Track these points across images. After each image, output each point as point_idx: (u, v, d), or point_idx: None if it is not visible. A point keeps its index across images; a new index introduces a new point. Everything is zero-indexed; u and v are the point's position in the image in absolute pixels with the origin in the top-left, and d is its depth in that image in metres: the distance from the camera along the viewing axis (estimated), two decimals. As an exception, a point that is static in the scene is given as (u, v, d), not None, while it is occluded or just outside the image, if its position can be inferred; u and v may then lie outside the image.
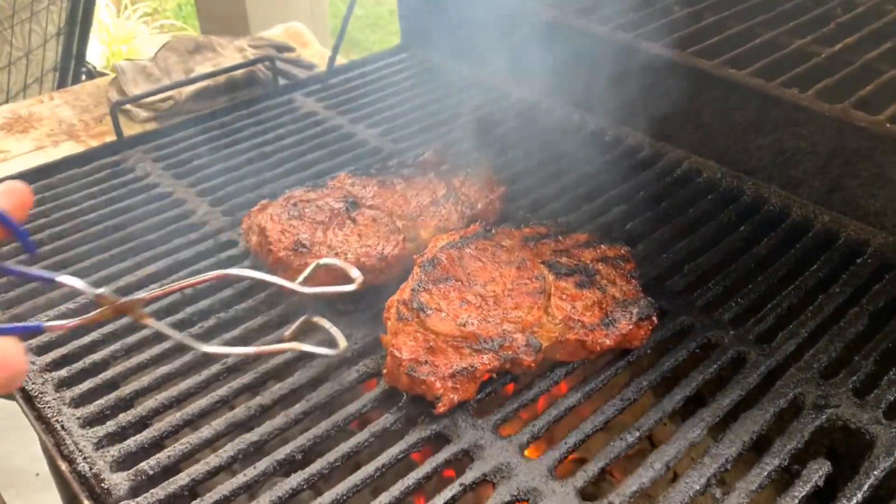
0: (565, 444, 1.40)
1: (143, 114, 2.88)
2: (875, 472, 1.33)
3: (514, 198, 2.01)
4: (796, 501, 1.29)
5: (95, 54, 6.72)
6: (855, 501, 1.28)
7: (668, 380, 1.54)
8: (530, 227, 1.78)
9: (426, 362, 1.45)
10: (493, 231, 1.74)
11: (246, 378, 1.53)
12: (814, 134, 1.93)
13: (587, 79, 2.25)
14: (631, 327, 1.53)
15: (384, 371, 1.48)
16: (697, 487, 1.32)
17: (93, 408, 1.47)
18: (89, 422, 1.45)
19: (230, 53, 3.11)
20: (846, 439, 1.52)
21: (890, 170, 1.80)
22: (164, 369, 1.55)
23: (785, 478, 1.38)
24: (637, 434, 1.42)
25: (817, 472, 1.34)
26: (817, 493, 1.32)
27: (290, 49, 2.57)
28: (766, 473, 1.33)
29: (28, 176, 2.13)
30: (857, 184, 1.87)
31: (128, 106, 2.90)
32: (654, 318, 1.57)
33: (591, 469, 1.35)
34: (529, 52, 2.29)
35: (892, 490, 1.38)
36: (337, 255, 1.69)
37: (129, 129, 2.49)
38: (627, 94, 2.17)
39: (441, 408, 1.42)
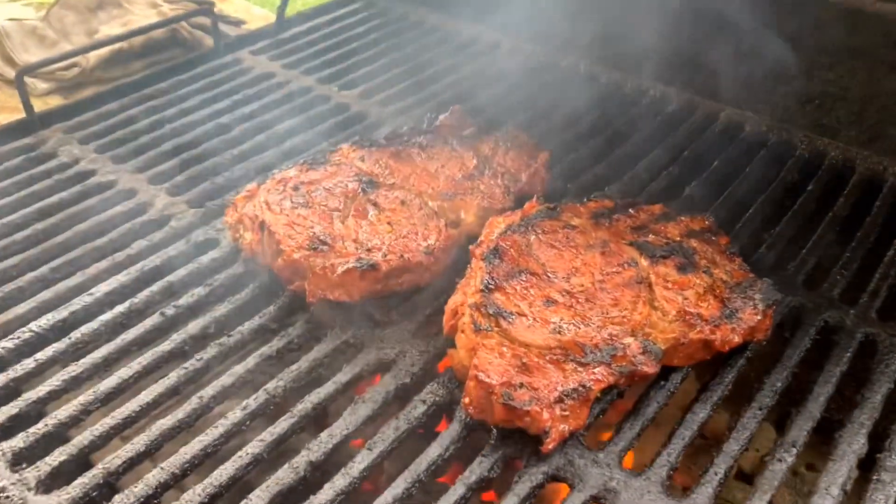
0: (716, 474, 1.10)
1: (42, 85, 2.34)
2: None
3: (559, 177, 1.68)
4: None
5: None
6: None
7: (798, 375, 1.26)
8: (594, 200, 1.46)
9: (522, 385, 1.11)
10: (557, 208, 1.40)
11: (279, 427, 1.14)
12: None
13: (591, 22, 1.94)
14: (758, 317, 1.24)
15: (465, 401, 1.13)
16: (889, 515, 1.06)
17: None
18: None
19: (141, 10, 2.59)
20: None
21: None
22: (162, 423, 1.14)
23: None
24: (794, 451, 1.14)
25: None
26: None
27: (206, 11, 2.11)
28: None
29: None
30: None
31: (19, 76, 2.34)
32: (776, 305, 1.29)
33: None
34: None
35: None
36: (369, 251, 1.31)
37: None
38: (639, 39, 1.87)
39: (551, 443, 1.08)
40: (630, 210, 1.45)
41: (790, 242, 1.53)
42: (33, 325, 1.28)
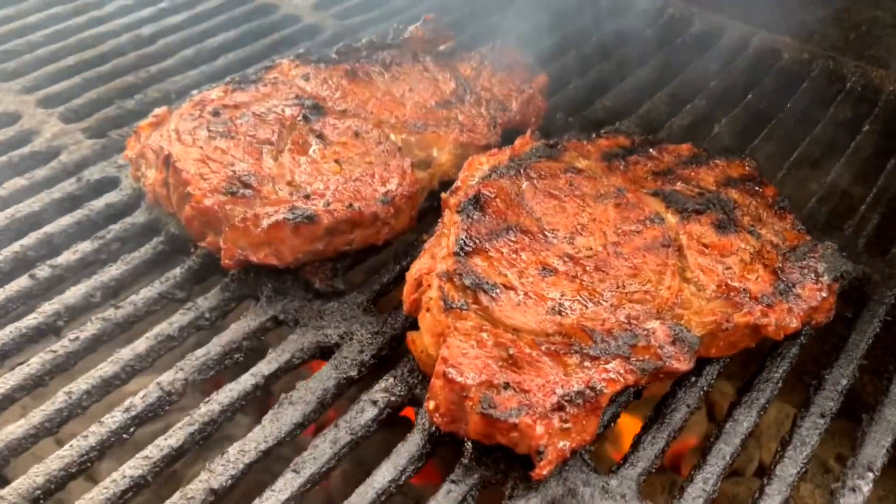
0: (771, 510, 0.81)
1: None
2: None
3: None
4: None
5: None
6: None
7: (866, 368, 0.97)
8: (605, 136, 1.13)
9: (508, 386, 0.80)
10: (560, 146, 1.07)
11: (182, 432, 0.82)
12: None
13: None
14: (823, 294, 0.93)
15: (430, 406, 0.83)
16: None
17: None
18: None
19: None
20: None
21: None
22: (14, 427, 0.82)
23: None
24: (870, 477, 0.84)
25: None
26: None
27: None
28: None
29: None
30: None
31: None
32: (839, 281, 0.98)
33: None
34: None
35: None
36: (308, 197, 0.98)
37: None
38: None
39: (546, 466, 0.79)
40: (651, 150, 1.13)
41: (845, 195, 1.22)
42: None
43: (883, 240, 1.15)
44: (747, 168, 1.13)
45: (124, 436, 0.84)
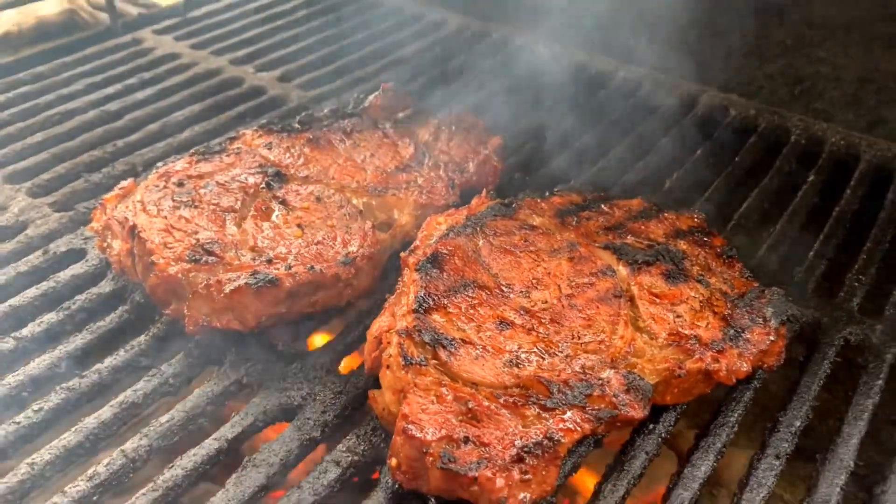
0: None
1: None
2: None
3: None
4: None
5: None
6: None
7: (819, 409, 0.99)
8: (559, 194, 1.17)
9: (468, 440, 0.82)
10: (513, 205, 1.11)
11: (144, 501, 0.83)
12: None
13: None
14: (771, 338, 0.97)
15: (392, 462, 0.84)
16: None
17: None
18: None
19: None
20: None
21: None
22: None
23: None
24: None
25: None
26: None
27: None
28: None
29: None
30: None
31: None
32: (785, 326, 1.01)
33: None
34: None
35: None
36: (270, 262, 1.00)
37: None
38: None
39: (508, 521, 0.79)
40: (603, 206, 1.17)
41: (793, 243, 1.27)
42: None
43: (831, 284, 1.20)
44: (696, 220, 1.17)
45: (87, 506, 0.84)
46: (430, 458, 0.81)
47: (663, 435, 0.94)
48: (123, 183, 1.14)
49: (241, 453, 0.92)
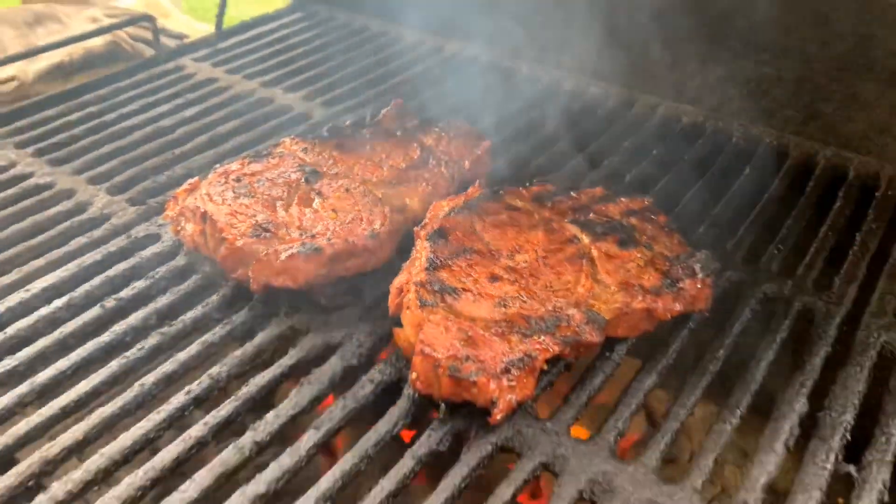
0: (661, 437, 1.11)
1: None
2: None
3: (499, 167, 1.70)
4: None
5: None
6: None
7: (741, 346, 1.29)
8: (538, 184, 1.48)
9: (469, 358, 1.11)
10: (500, 191, 1.42)
11: (224, 410, 1.12)
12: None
13: (532, 27, 1.99)
14: (699, 286, 1.27)
15: (413, 377, 1.12)
16: (830, 467, 1.08)
17: (14, 478, 1.01)
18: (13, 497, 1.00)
19: (81, 25, 2.56)
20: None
21: None
22: (103, 411, 1.11)
23: None
24: (738, 413, 1.16)
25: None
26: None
27: (150, 19, 2.11)
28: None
29: None
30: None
31: (-46, 92, 2.30)
32: (714, 276, 1.32)
33: (707, 462, 1.08)
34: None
35: None
36: (314, 238, 1.30)
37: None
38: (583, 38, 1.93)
39: (498, 414, 1.08)
40: (571, 192, 1.47)
41: (728, 223, 1.57)
42: (-30, 325, 1.25)
43: (756, 253, 1.50)
44: (645, 203, 1.47)
45: (185, 412, 1.13)
46: (441, 370, 1.10)
47: (617, 360, 1.24)
48: (190, 181, 1.44)
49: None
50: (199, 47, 2.17)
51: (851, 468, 1.10)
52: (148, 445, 1.09)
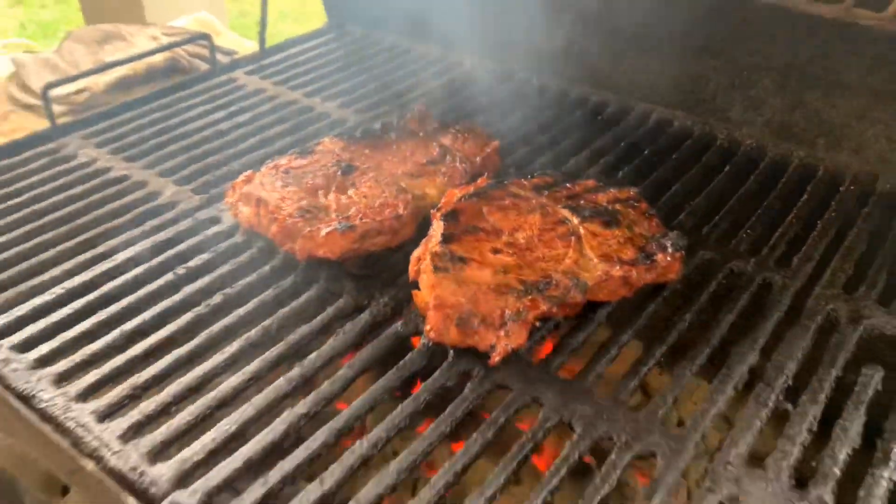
0: (631, 381, 1.36)
1: (57, 108, 2.60)
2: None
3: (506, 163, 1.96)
4: (862, 408, 1.31)
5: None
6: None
7: (706, 311, 1.53)
8: (538, 176, 1.73)
9: (473, 313, 1.36)
10: (505, 182, 1.68)
11: (275, 352, 1.38)
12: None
13: (544, 41, 2.25)
14: (669, 259, 1.51)
15: (427, 328, 1.38)
16: (771, 405, 1.31)
17: (107, 399, 1.29)
18: (107, 414, 1.27)
19: (143, 42, 2.88)
20: (888, 348, 1.54)
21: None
22: (178, 352, 1.38)
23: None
24: (696, 363, 1.40)
25: (872, 377, 1.37)
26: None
27: (208, 37, 2.41)
28: (827, 382, 1.34)
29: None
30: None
31: (34, 101, 2.63)
32: (684, 251, 1.56)
33: (668, 399, 1.32)
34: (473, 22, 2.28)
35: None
36: (348, 218, 1.57)
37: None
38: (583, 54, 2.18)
39: (496, 357, 1.33)
40: (567, 184, 1.72)
41: (705, 213, 1.81)
42: (66, 284, 1.53)
43: (726, 236, 1.73)
44: (631, 193, 1.72)
45: (242, 354, 1.40)
46: (450, 322, 1.36)
47: (599, 321, 1.48)
48: (245, 173, 1.72)
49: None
50: (248, 63, 2.47)
51: (789, 405, 1.34)
52: (215, 378, 1.36)
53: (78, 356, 1.37)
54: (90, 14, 4.34)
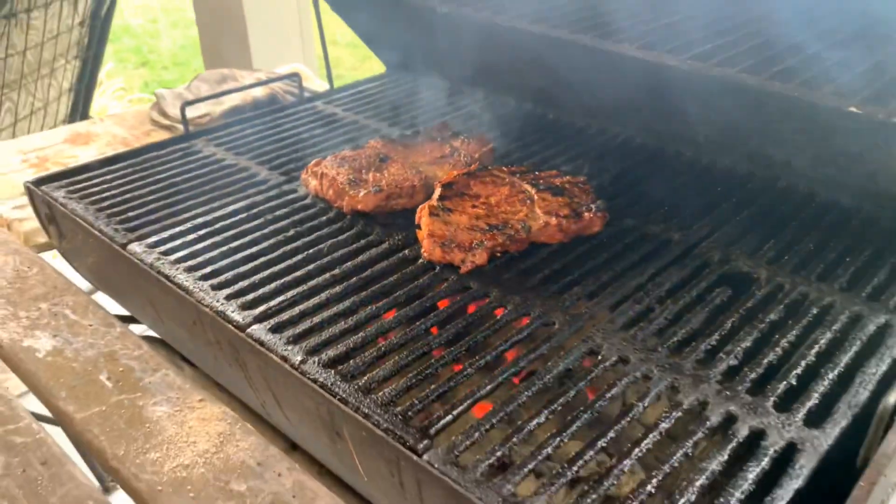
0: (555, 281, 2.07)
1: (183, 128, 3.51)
2: (759, 293, 2.02)
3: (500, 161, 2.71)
4: (704, 312, 1.97)
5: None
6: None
7: (619, 256, 2.22)
8: (514, 166, 2.48)
9: (452, 240, 2.11)
10: (489, 168, 2.43)
11: (326, 261, 2.15)
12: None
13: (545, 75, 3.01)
14: (593, 216, 2.22)
15: (423, 251, 2.13)
16: (660, 322, 1.99)
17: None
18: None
19: (251, 83, 3.78)
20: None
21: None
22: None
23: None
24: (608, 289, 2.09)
25: (722, 293, 2.03)
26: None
27: (297, 76, 3.26)
28: (692, 294, 2.01)
29: (119, 157, 2.76)
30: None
31: (169, 123, 3.54)
32: (606, 213, 2.27)
33: (573, 291, 2.02)
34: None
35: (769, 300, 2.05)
36: (379, 186, 2.35)
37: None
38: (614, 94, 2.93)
39: (464, 269, 2.07)
40: (536, 172, 2.46)
41: (642, 196, 2.50)
42: (198, 221, 2.35)
43: (650, 211, 2.41)
44: (581, 179, 2.44)
45: (309, 272, 2.18)
46: (437, 245, 2.10)
47: (542, 256, 2.19)
48: (316, 159, 2.53)
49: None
50: (324, 97, 3.32)
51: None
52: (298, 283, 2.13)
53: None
54: (210, 63, 5.39)
